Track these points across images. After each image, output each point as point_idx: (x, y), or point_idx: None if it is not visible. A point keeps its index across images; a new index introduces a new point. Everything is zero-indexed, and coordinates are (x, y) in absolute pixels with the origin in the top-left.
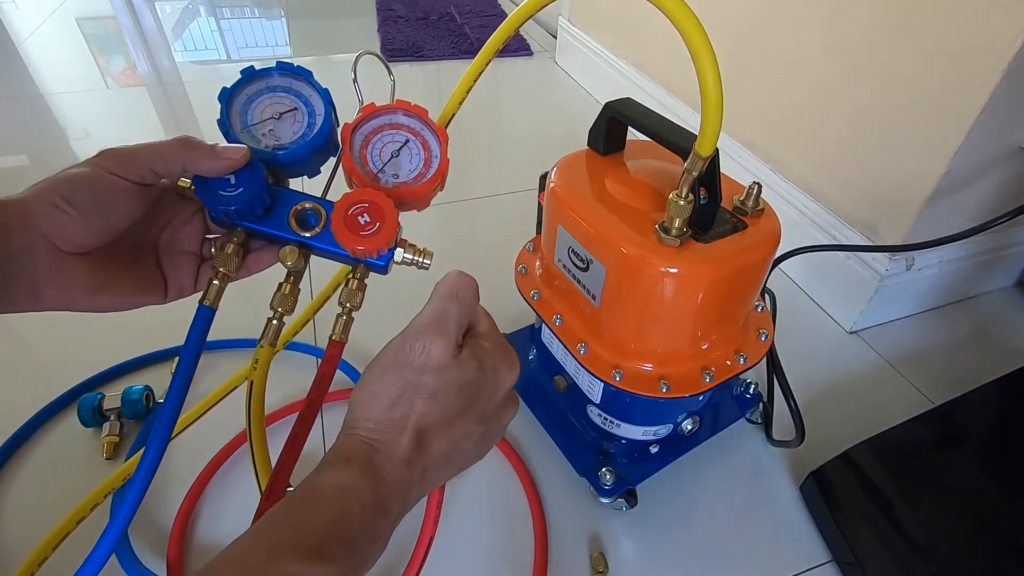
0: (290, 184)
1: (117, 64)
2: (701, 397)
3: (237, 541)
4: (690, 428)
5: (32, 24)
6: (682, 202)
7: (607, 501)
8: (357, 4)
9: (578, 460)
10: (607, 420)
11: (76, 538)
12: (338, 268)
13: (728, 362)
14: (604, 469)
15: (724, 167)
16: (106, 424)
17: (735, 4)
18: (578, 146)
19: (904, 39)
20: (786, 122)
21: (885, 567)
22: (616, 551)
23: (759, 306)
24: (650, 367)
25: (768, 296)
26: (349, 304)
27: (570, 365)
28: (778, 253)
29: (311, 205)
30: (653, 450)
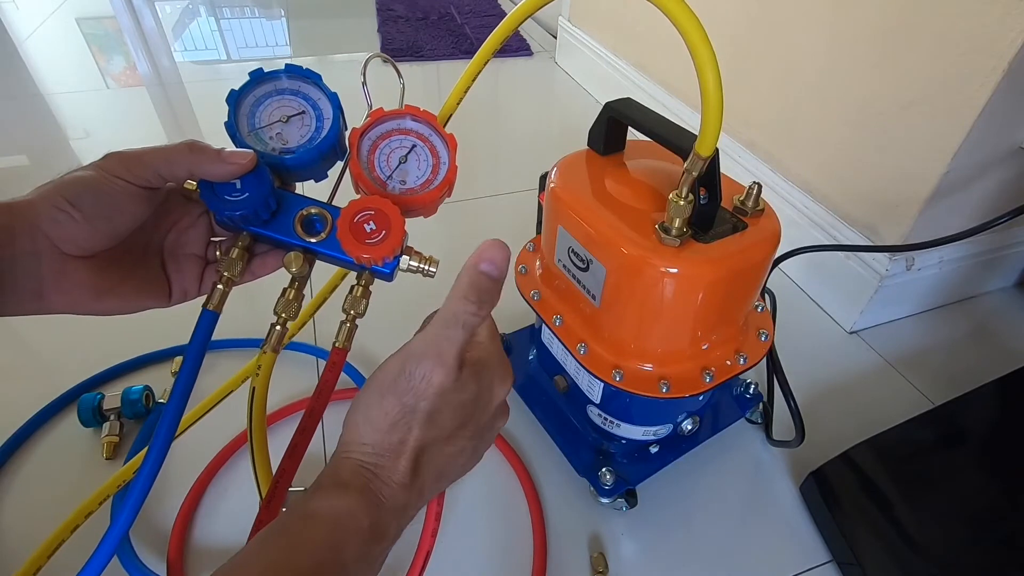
0: (296, 188)
1: (117, 64)
2: (701, 397)
3: (228, 565)
4: (690, 428)
5: (32, 24)
6: (682, 202)
7: (607, 501)
8: (357, 4)
9: (578, 460)
10: (607, 420)
11: (75, 540)
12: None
13: (728, 362)
14: (604, 469)
15: (724, 167)
16: (106, 424)
17: (735, 4)
18: (578, 146)
19: (904, 39)
20: (786, 122)
21: (885, 567)
22: (616, 551)
23: (759, 306)
24: (650, 367)
25: (768, 296)
26: (353, 311)
27: (570, 365)
28: (778, 253)
29: (317, 210)
30: (653, 450)
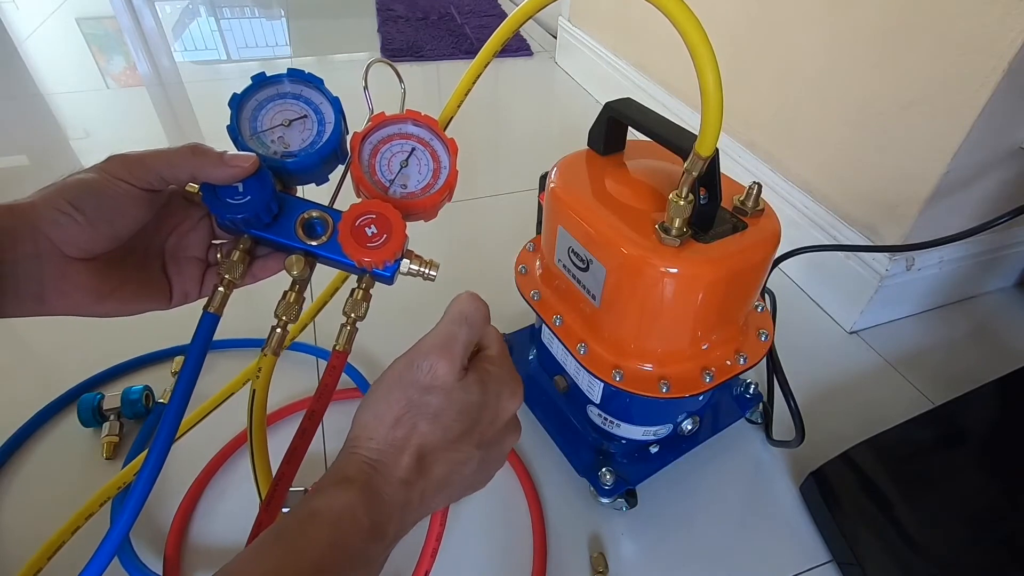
0: (297, 192)
1: (117, 64)
2: (701, 397)
3: (229, 566)
4: (690, 428)
5: (32, 24)
6: (682, 202)
7: (607, 501)
8: (357, 4)
9: (578, 460)
10: (607, 420)
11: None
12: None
13: (728, 362)
14: (604, 469)
15: (724, 167)
16: (106, 424)
17: (735, 4)
18: (578, 146)
19: (904, 39)
20: (786, 122)
21: (885, 567)
22: (616, 551)
23: (759, 306)
24: (650, 367)
25: (768, 296)
26: (353, 314)
27: (570, 365)
28: (778, 253)
29: (318, 214)
30: (653, 450)
